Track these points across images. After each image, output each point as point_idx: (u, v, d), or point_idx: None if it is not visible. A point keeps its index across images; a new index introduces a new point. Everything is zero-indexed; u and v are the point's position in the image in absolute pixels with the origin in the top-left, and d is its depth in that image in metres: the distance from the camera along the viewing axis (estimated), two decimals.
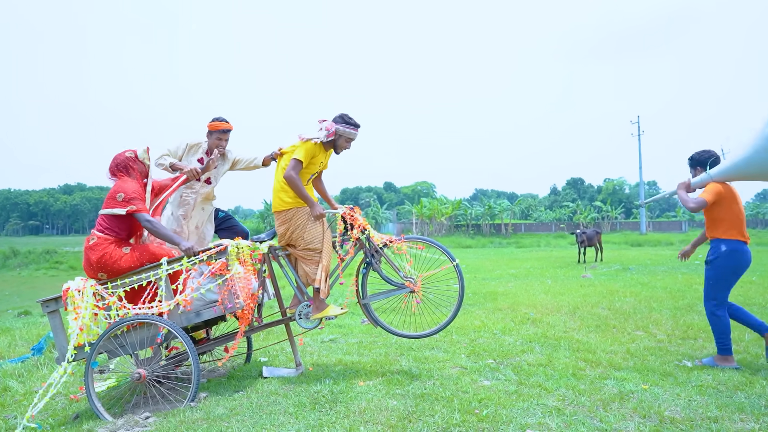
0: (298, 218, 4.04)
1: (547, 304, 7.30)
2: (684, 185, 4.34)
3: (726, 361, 4.16)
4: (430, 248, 4.14)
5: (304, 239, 4.01)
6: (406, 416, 3.16)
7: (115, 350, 3.71)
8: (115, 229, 3.77)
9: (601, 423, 3.05)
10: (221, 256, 3.77)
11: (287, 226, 4.06)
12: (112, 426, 3.27)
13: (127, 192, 3.74)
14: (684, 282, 9.50)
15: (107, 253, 3.69)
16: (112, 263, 3.69)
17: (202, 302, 3.79)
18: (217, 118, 4.37)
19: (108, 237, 3.74)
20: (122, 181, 3.83)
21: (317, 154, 4.08)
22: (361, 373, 4.15)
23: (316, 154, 4.07)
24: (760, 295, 7.60)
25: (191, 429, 3.08)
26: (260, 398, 3.60)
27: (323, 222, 4.08)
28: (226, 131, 4.37)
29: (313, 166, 4.12)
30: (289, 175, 3.97)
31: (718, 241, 4.18)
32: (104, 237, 3.73)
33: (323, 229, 4.05)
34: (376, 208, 55.31)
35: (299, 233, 4.03)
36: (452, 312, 4.09)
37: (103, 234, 3.74)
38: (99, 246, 3.70)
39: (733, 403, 3.29)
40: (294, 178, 3.97)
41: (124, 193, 3.73)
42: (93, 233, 3.77)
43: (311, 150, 4.03)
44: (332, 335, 5.69)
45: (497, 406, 3.31)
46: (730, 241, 4.13)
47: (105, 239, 3.72)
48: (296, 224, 4.03)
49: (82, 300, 3.59)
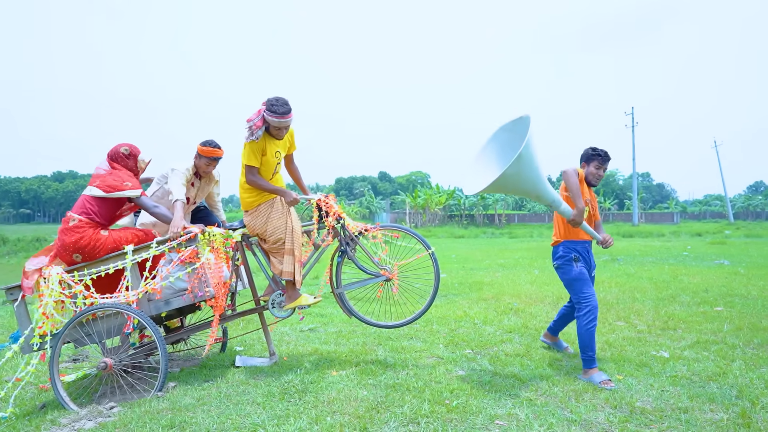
0: (262, 211, 3.97)
1: (532, 295, 7.27)
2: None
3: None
4: (407, 237, 4.07)
5: (268, 231, 3.94)
6: (374, 407, 3.11)
7: (81, 339, 3.64)
8: (99, 213, 3.72)
9: (572, 414, 3.02)
10: (191, 244, 3.70)
11: (254, 222, 4.00)
12: (75, 416, 3.20)
13: (133, 182, 3.78)
14: (670, 273, 9.51)
15: (85, 236, 3.62)
16: (90, 247, 3.63)
17: (172, 290, 3.72)
18: (210, 143, 4.10)
19: (88, 221, 3.67)
20: (122, 172, 3.85)
21: (265, 147, 3.91)
22: (336, 362, 4.10)
23: (263, 149, 3.91)
24: (742, 286, 7.61)
25: (155, 419, 3.01)
26: (230, 388, 3.55)
27: (289, 212, 3.99)
28: (217, 159, 4.17)
29: (270, 159, 3.95)
30: (250, 180, 3.89)
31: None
32: (85, 221, 3.66)
33: (287, 219, 3.94)
34: (370, 198, 55.24)
35: (263, 226, 3.96)
36: (428, 301, 4.04)
37: (84, 217, 3.67)
38: (78, 228, 3.63)
39: (705, 394, 3.27)
40: (255, 181, 3.88)
41: (131, 182, 3.76)
42: (71, 215, 3.69)
43: (255, 149, 3.86)
44: (312, 324, 5.64)
45: (468, 397, 3.27)
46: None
47: (86, 223, 3.66)
48: (261, 218, 3.97)
49: (47, 287, 3.51)
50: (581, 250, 3.96)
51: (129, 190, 3.72)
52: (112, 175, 3.78)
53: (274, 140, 3.96)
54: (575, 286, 3.87)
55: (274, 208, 3.95)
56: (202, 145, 4.11)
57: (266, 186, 3.92)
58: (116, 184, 3.72)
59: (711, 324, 5.24)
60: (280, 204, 3.98)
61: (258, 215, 3.98)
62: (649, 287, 7.73)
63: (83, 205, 3.71)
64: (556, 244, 4.05)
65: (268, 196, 3.98)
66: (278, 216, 3.93)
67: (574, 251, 3.93)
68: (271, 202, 3.97)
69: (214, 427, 2.89)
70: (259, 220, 3.97)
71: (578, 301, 3.84)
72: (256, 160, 3.87)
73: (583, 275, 3.86)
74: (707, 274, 9.26)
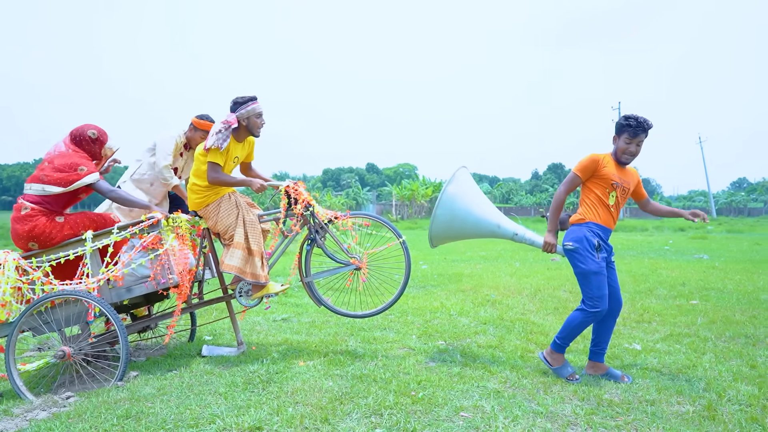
0: (210, 212, 3.88)
1: (510, 287, 7.25)
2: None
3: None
4: (377, 225, 4.00)
5: (220, 229, 3.86)
6: (338, 397, 3.04)
7: (39, 327, 3.52)
8: (53, 200, 3.55)
9: (539, 406, 2.97)
10: (154, 230, 3.58)
11: (208, 222, 3.92)
12: (28, 406, 3.10)
13: (89, 165, 3.59)
14: (649, 266, 9.55)
15: (39, 225, 3.48)
16: (46, 234, 3.49)
17: (134, 277, 3.61)
18: (206, 117, 4.21)
19: (42, 209, 3.52)
20: (75, 154, 3.64)
21: (230, 149, 3.84)
22: (304, 353, 4.02)
23: (228, 150, 3.83)
24: (719, 280, 7.65)
25: (111, 409, 2.92)
26: (192, 378, 3.46)
27: (240, 206, 3.86)
28: None
29: (229, 163, 3.90)
30: (213, 178, 3.76)
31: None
32: (38, 209, 3.51)
33: (238, 213, 3.83)
34: (357, 189, 55.06)
35: (215, 226, 3.88)
36: (398, 290, 3.97)
37: (36, 205, 3.51)
38: (31, 217, 3.48)
39: (674, 386, 3.24)
40: (218, 178, 3.77)
41: (86, 166, 3.57)
42: (23, 203, 3.54)
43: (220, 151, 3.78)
44: (285, 314, 5.56)
45: (435, 388, 3.21)
46: None
47: (39, 211, 3.51)
48: (211, 219, 3.88)
49: (2, 274, 3.38)
50: (604, 237, 3.45)
51: (85, 176, 3.54)
52: (60, 158, 3.57)
53: (237, 144, 3.91)
54: (592, 281, 3.32)
55: (221, 207, 3.84)
56: (198, 118, 4.19)
57: (230, 180, 3.82)
58: (67, 172, 3.52)
59: (685, 317, 5.25)
60: (227, 200, 3.87)
61: (207, 215, 3.89)
62: (627, 280, 7.74)
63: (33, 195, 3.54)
64: (580, 222, 3.47)
65: (213, 197, 3.85)
66: (228, 213, 3.83)
67: (597, 236, 3.41)
68: (218, 201, 3.86)
69: (172, 417, 2.80)
70: (210, 221, 3.89)
71: (590, 298, 3.34)
72: (221, 159, 3.77)
73: (603, 270, 3.35)
74: (686, 268, 9.32)
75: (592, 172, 3.44)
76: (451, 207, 3.81)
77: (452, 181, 3.84)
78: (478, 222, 3.83)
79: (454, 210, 3.82)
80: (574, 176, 3.49)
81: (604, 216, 3.45)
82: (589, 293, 3.35)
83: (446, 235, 3.97)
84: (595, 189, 3.46)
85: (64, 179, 3.50)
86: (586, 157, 3.47)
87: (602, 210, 3.45)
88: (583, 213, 3.48)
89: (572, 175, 3.50)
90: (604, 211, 3.45)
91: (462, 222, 3.86)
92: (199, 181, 3.83)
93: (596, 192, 3.45)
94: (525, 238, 3.73)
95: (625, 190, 3.47)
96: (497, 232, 3.81)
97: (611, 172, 3.41)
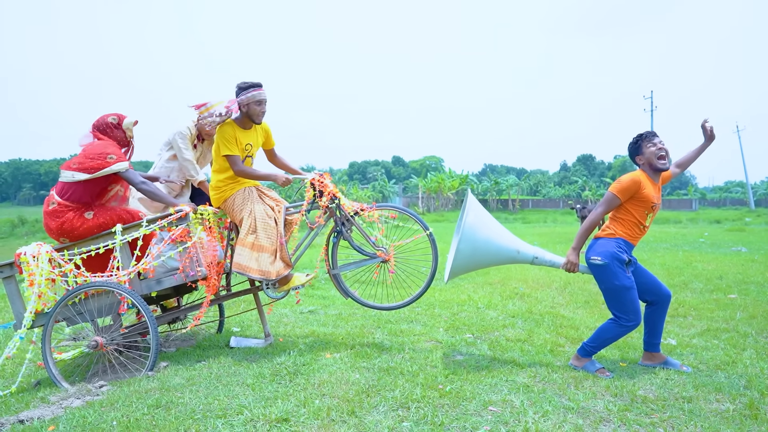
0: (228, 207, 3.91)
1: (539, 279, 7.13)
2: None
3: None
4: (404, 217, 3.96)
5: (238, 224, 3.87)
6: (365, 390, 3.02)
7: (73, 318, 3.61)
8: (78, 193, 3.59)
9: (569, 401, 2.90)
10: (182, 223, 3.62)
11: (229, 216, 3.96)
12: (64, 394, 3.18)
13: (118, 154, 3.60)
14: (683, 259, 9.27)
15: (67, 221, 3.54)
16: (74, 230, 3.56)
17: (164, 269, 3.66)
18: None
19: (69, 204, 3.56)
20: (106, 143, 3.66)
21: (238, 138, 3.81)
22: (331, 345, 4.03)
23: (236, 137, 3.80)
24: (759, 274, 7.37)
25: (142, 398, 2.97)
26: (221, 369, 3.49)
27: (254, 200, 3.84)
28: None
29: (242, 152, 3.88)
30: (238, 171, 3.78)
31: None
32: (65, 204, 3.56)
33: (252, 208, 3.80)
34: (383, 182, 55.02)
35: (235, 220, 3.90)
36: (425, 283, 3.92)
37: (64, 200, 3.57)
38: (59, 213, 3.55)
39: (712, 383, 3.12)
40: (243, 171, 3.79)
41: (115, 155, 3.58)
42: (52, 197, 3.60)
43: (228, 137, 3.76)
44: (312, 306, 5.58)
45: (463, 382, 3.17)
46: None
47: (66, 206, 3.56)
48: (230, 214, 3.91)
49: (36, 266, 3.47)
50: (629, 252, 3.41)
51: (114, 164, 3.54)
52: (92, 147, 3.61)
53: (245, 132, 3.87)
54: (625, 296, 3.28)
55: (236, 202, 3.85)
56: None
57: (254, 172, 3.83)
58: (98, 160, 3.52)
59: (723, 312, 5.06)
60: (241, 194, 3.85)
61: (227, 210, 3.93)
62: (661, 273, 7.52)
63: (63, 185, 3.58)
64: (611, 237, 3.41)
65: (229, 192, 3.86)
66: (240, 208, 3.83)
67: (626, 252, 3.38)
68: (233, 196, 3.86)
69: (201, 407, 2.83)
70: (230, 215, 3.93)
71: (625, 313, 3.30)
72: (235, 148, 3.77)
73: (634, 285, 3.32)
74: (723, 261, 9.00)
75: (632, 194, 3.36)
76: (473, 239, 3.57)
77: (469, 210, 3.59)
78: (499, 250, 3.66)
79: (476, 242, 3.59)
80: (613, 197, 3.38)
81: (635, 234, 3.43)
82: (623, 308, 3.32)
83: (467, 268, 3.79)
84: (632, 209, 3.40)
85: (92, 166, 3.52)
86: (627, 178, 3.37)
87: (636, 229, 3.43)
88: (614, 228, 3.44)
89: (611, 196, 3.39)
90: (638, 230, 3.43)
91: (484, 253, 3.65)
92: (215, 177, 3.88)
93: (633, 213, 3.40)
94: (545, 260, 3.64)
95: (657, 208, 3.46)
96: (517, 257, 3.68)
97: (650, 193, 3.37)
